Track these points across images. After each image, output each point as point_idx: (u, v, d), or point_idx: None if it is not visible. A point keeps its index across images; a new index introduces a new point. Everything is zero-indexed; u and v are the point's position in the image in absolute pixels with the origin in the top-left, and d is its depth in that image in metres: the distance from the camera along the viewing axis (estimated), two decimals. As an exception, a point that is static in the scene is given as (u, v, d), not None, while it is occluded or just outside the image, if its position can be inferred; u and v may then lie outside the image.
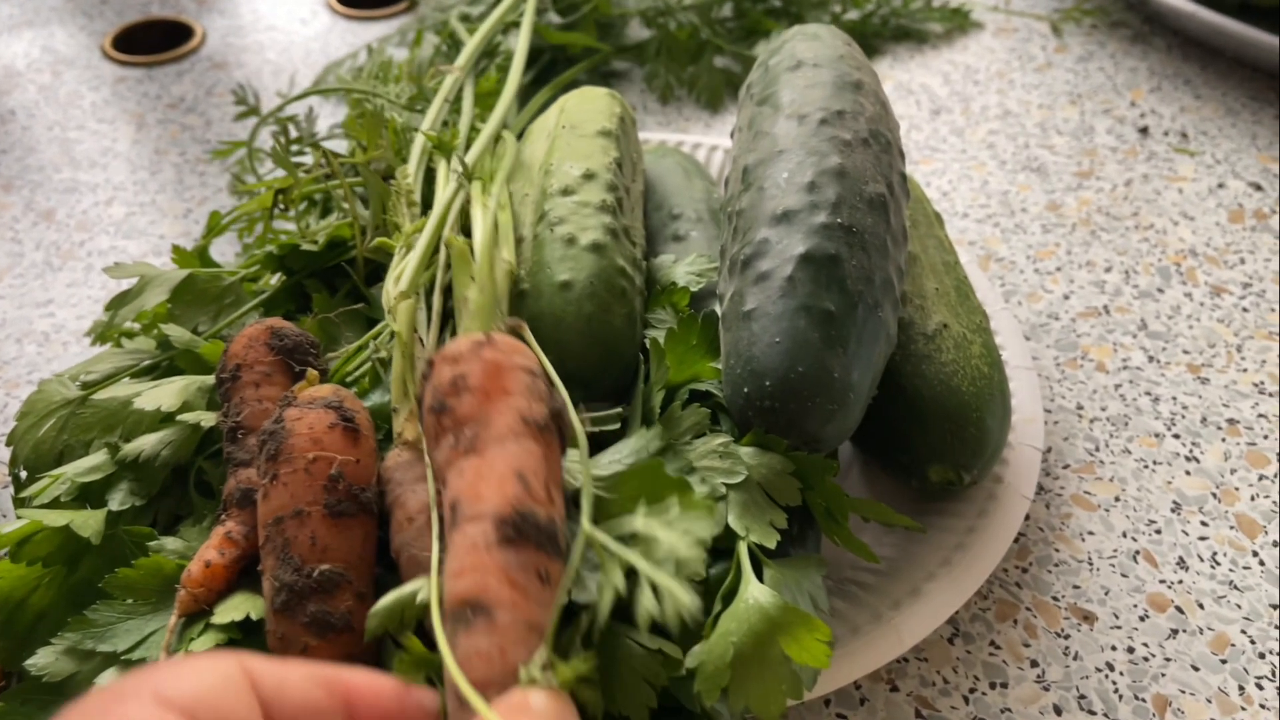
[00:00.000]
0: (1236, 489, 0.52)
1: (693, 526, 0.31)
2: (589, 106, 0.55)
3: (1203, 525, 0.51)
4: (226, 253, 0.65)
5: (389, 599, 0.32)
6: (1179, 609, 0.47)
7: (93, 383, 0.45)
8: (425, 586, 0.31)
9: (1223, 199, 0.71)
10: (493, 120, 0.53)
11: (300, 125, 0.63)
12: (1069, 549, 0.50)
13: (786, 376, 0.38)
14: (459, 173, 0.48)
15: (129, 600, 0.36)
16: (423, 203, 0.51)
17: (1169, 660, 0.45)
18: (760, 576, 0.35)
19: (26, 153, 0.78)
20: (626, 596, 0.30)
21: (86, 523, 0.38)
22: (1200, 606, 0.47)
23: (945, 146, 0.76)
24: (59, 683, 0.35)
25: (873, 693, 0.44)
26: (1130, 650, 0.46)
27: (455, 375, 0.34)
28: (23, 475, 0.44)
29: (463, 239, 0.43)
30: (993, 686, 0.44)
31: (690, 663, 0.33)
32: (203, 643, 0.34)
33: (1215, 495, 0.52)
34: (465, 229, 0.46)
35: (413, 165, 0.52)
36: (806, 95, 0.47)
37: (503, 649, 0.28)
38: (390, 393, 0.41)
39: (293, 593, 0.34)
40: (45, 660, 0.35)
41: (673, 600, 0.28)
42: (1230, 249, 0.67)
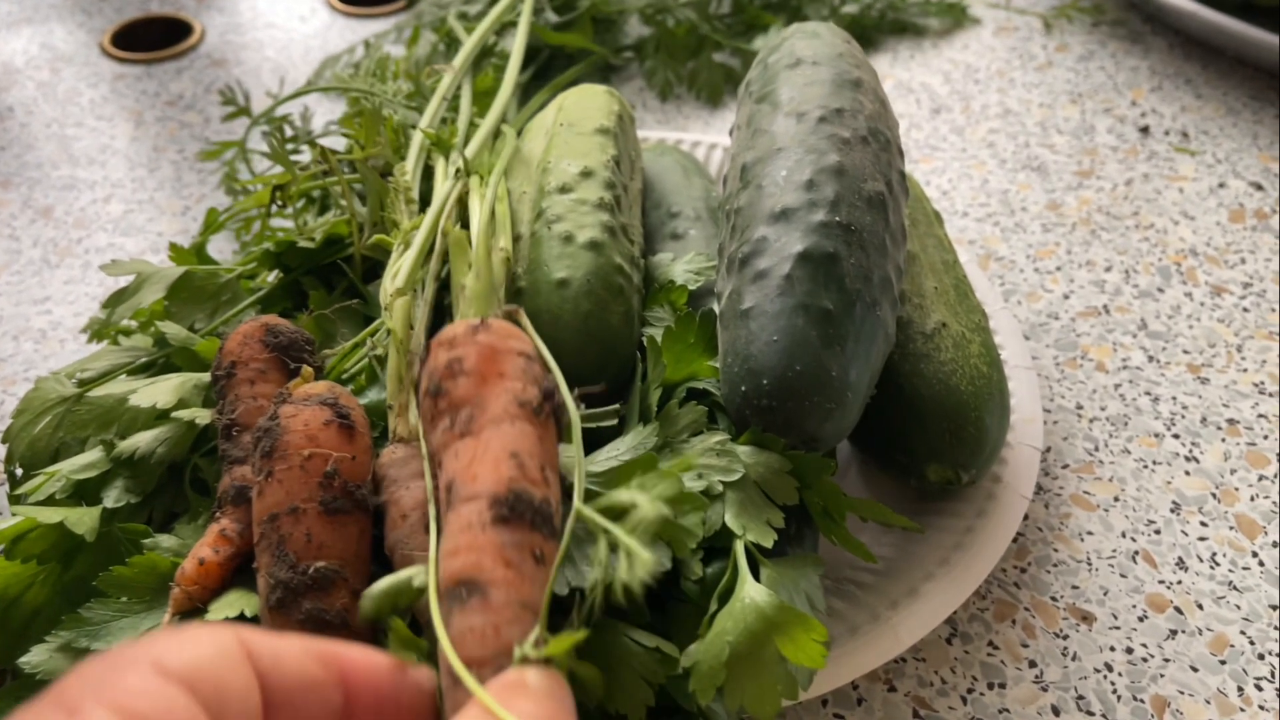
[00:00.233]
0: (1236, 489, 0.52)
1: (662, 489, 0.31)
2: (587, 104, 0.55)
3: (1202, 525, 0.51)
4: (225, 250, 0.65)
5: (385, 583, 0.32)
6: (1178, 609, 0.47)
7: (89, 380, 0.45)
8: (420, 572, 0.31)
9: (1223, 198, 0.70)
10: (491, 116, 0.53)
11: (295, 125, 0.63)
12: (1068, 549, 0.50)
13: (784, 375, 0.38)
14: (458, 167, 0.48)
15: (123, 598, 0.36)
16: (420, 200, 0.51)
17: (1168, 661, 0.45)
18: (757, 576, 0.35)
19: (25, 149, 0.78)
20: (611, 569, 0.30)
21: (81, 520, 0.38)
22: (1199, 607, 0.47)
23: (945, 145, 0.76)
24: (53, 680, 0.35)
25: (870, 693, 0.44)
26: (1129, 651, 0.45)
27: (451, 359, 0.34)
28: (18, 472, 0.44)
29: (460, 229, 0.43)
30: (991, 687, 0.44)
31: (685, 662, 0.33)
32: (197, 641, 0.34)
33: (1215, 495, 0.52)
34: (463, 224, 0.46)
35: (411, 162, 0.52)
36: (805, 93, 0.46)
37: (497, 627, 0.28)
38: (386, 390, 0.41)
39: (288, 590, 0.33)
40: (39, 658, 0.35)
41: (637, 560, 0.28)
42: (1231, 249, 0.66)
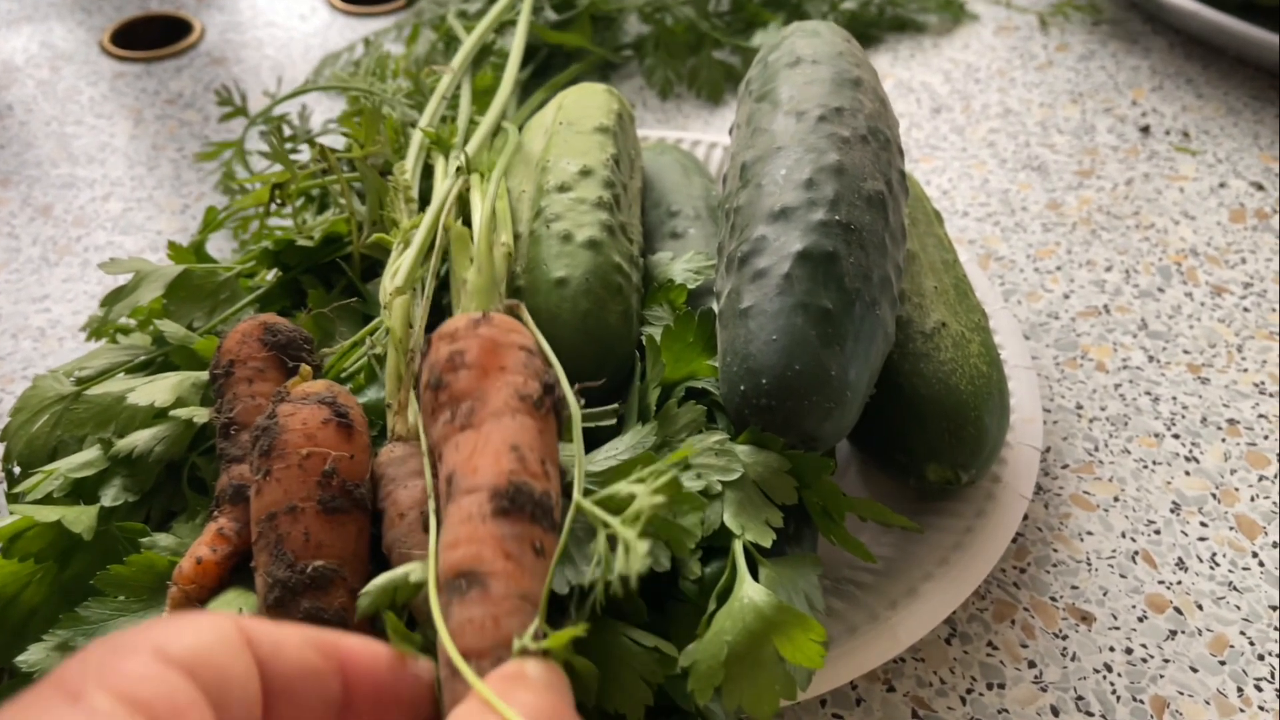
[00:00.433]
0: (1236, 489, 0.52)
1: (660, 484, 0.31)
2: (587, 103, 0.55)
3: (1202, 526, 0.51)
4: (224, 249, 0.65)
5: (383, 578, 0.32)
6: (1178, 610, 0.47)
7: (87, 378, 0.45)
8: (418, 568, 0.31)
9: (1224, 198, 0.70)
10: (490, 114, 0.53)
11: (293, 124, 0.63)
12: (1067, 549, 0.50)
13: (783, 374, 0.38)
14: (458, 165, 0.48)
15: (121, 597, 0.36)
16: (420, 199, 0.51)
17: (1167, 661, 0.45)
18: (755, 575, 0.35)
19: (24, 148, 0.78)
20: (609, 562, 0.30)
21: (79, 519, 0.38)
22: (1199, 608, 0.47)
23: (945, 145, 0.76)
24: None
25: (869, 693, 0.44)
26: (1128, 651, 0.45)
27: (452, 352, 0.34)
28: (16, 471, 0.44)
29: (461, 225, 0.43)
30: (990, 687, 0.44)
31: (684, 661, 0.32)
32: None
33: (1215, 496, 0.52)
34: (464, 222, 0.46)
35: (410, 161, 0.51)
36: (805, 92, 0.46)
37: (496, 619, 0.28)
38: (385, 388, 0.41)
39: (286, 589, 0.33)
40: (36, 656, 0.35)
41: (632, 549, 0.28)
42: (1231, 249, 0.66)
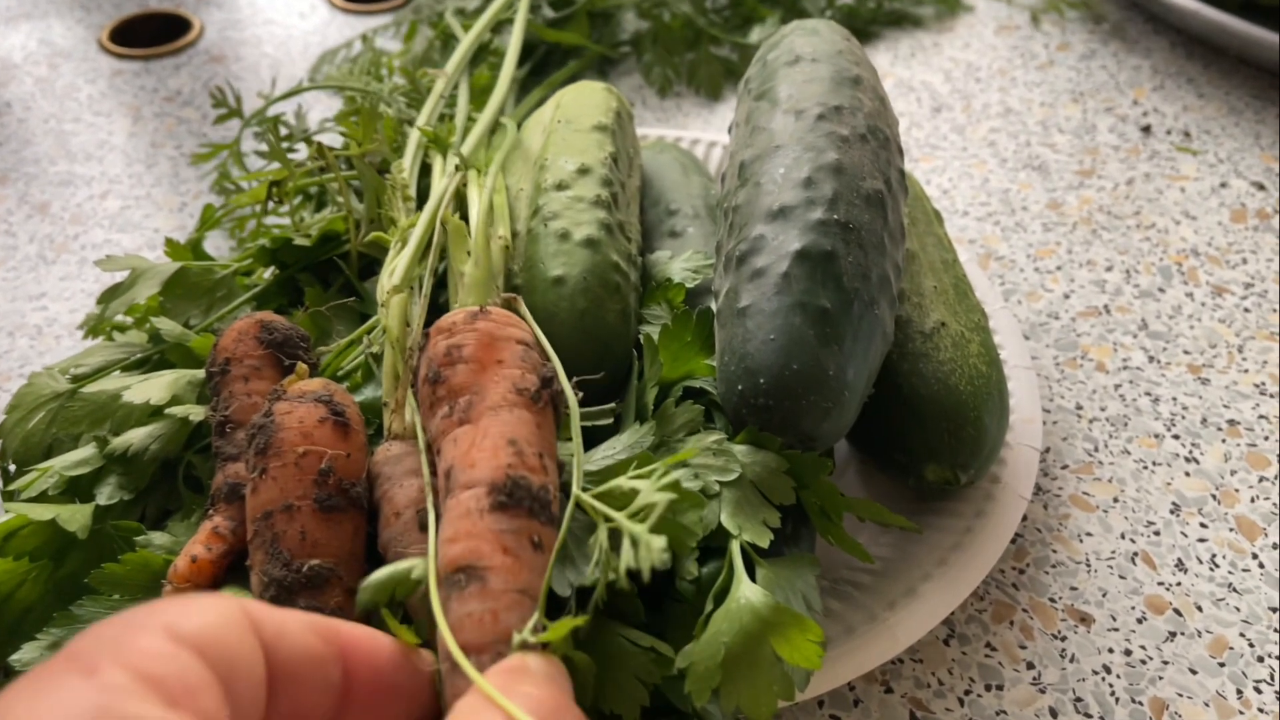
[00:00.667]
0: (1236, 490, 0.52)
1: (662, 481, 0.31)
2: (585, 101, 0.55)
3: (1202, 527, 0.50)
4: (221, 246, 0.65)
5: (383, 573, 0.32)
6: (1177, 611, 0.47)
7: (83, 376, 0.45)
8: (419, 564, 0.31)
9: (1225, 198, 0.70)
10: (487, 112, 0.53)
11: (289, 124, 0.63)
12: (1067, 550, 0.49)
13: (781, 374, 0.38)
14: (457, 162, 0.47)
15: (115, 595, 0.36)
16: (418, 197, 0.51)
17: (1167, 663, 0.45)
18: (753, 576, 0.35)
19: (22, 145, 0.77)
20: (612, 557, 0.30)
21: (73, 517, 0.38)
22: (1199, 609, 0.47)
23: (946, 144, 0.76)
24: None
25: (867, 694, 0.44)
26: (1128, 653, 0.45)
27: (450, 345, 0.34)
28: (11, 468, 0.44)
29: (459, 220, 0.43)
30: (988, 688, 0.44)
31: (681, 662, 0.32)
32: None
33: (1215, 497, 0.52)
34: (461, 217, 0.46)
35: (408, 159, 0.51)
36: (804, 90, 0.46)
37: (495, 613, 0.28)
38: (382, 387, 0.40)
39: (282, 588, 0.33)
40: (30, 655, 0.35)
41: (646, 546, 0.28)
42: (1232, 249, 0.66)
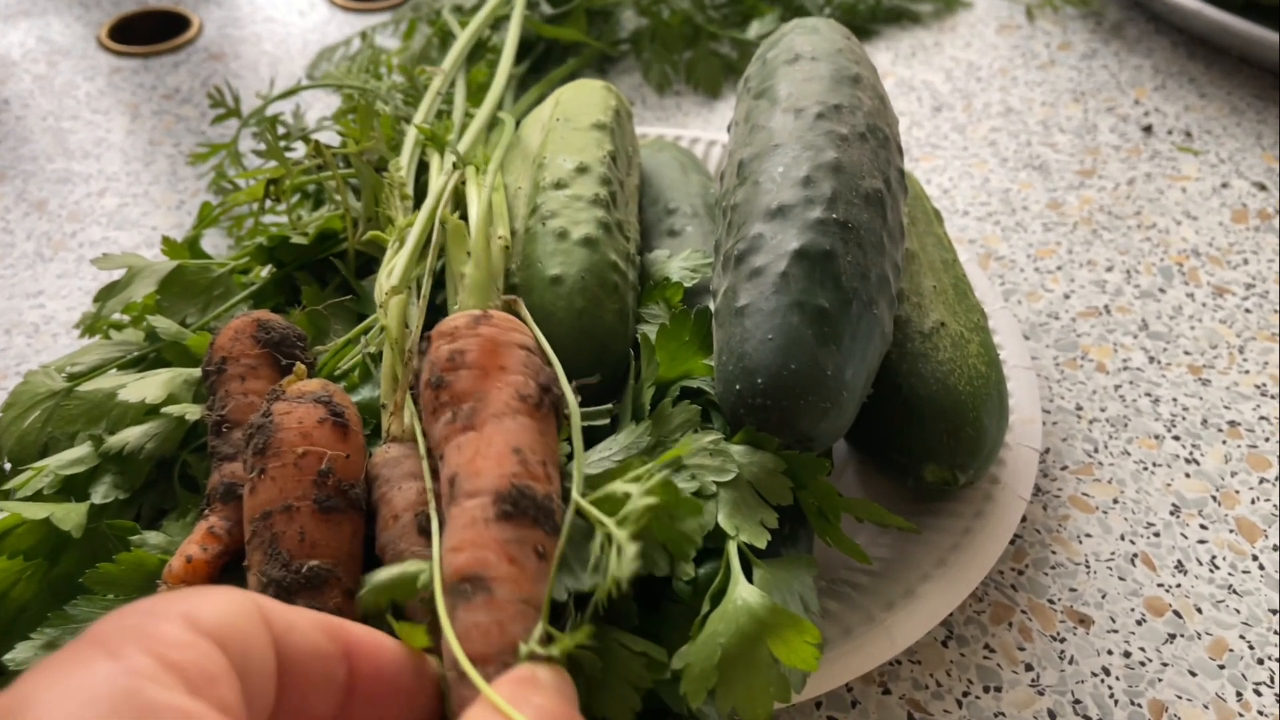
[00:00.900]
0: (1236, 492, 0.52)
1: (655, 484, 0.31)
2: (584, 99, 0.54)
3: (1202, 529, 0.50)
4: (219, 245, 0.65)
5: (387, 575, 0.31)
6: (1177, 613, 0.47)
7: (79, 374, 0.44)
8: (423, 569, 0.31)
9: (1226, 199, 0.70)
10: (484, 108, 0.52)
11: (286, 123, 0.63)
12: (1066, 551, 0.49)
13: (779, 374, 0.38)
14: (454, 160, 0.47)
15: (110, 595, 0.36)
16: (415, 195, 0.50)
17: (1166, 665, 0.45)
18: (750, 577, 0.34)
19: (20, 143, 0.77)
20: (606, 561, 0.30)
21: (68, 516, 0.37)
22: (1198, 611, 0.47)
23: (946, 144, 0.76)
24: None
25: (865, 695, 0.44)
26: (1127, 655, 0.45)
27: (453, 350, 0.34)
28: (7, 467, 0.44)
29: (458, 219, 0.43)
30: (986, 690, 0.44)
31: (677, 664, 0.32)
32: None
33: (1215, 498, 0.52)
34: (460, 216, 0.46)
35: (405, 158, 0.51)
36: (804, 89, 0.46)
37: (501, 624, 0.28)
38: (379, 388, 0.40)
39: (280, 589, 0.33)
40: (24, 655, 0.35)
41: (624, 552, 0.28)
42: (1233, 249, 0.66)
